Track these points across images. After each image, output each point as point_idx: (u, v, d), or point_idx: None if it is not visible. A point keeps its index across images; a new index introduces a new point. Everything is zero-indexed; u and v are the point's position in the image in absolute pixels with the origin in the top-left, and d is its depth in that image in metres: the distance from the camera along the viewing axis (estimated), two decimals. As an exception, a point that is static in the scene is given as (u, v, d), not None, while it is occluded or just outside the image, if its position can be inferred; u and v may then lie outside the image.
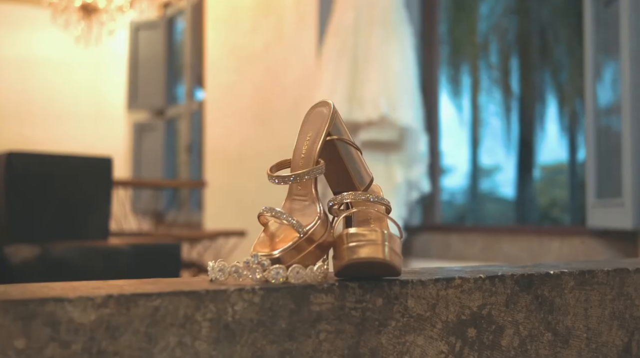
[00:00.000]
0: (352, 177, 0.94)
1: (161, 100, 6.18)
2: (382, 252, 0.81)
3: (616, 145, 2.66)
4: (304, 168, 0.90)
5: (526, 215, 9.53)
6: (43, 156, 2.55)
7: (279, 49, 4.40)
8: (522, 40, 8.79)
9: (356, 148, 0.95)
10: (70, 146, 5.70)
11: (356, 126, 3.51)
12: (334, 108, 0.94)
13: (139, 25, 6.28)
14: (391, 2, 3.57)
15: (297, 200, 0.90)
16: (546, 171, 10.35)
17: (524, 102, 8.86)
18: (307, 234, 0.84)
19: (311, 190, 0.90)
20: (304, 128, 0.95)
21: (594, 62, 2.84)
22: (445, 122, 9.89)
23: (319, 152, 0.90)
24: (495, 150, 9.87)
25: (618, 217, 2.60)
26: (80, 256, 2.32)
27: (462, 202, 11.15)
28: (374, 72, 3.50)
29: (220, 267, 0.81)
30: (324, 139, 0.91)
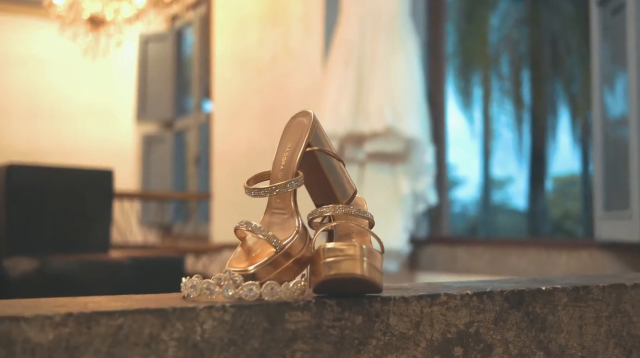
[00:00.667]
0: (333, 189, 0.91)
1: (170, 112, 6.18)
2: (360, 267, 0.77)
3: (624, 157, 2.61)
4: (283, 180, 0.87)
5: (538, 227, 9.45)
6: (43, 168, 2.53)
7: (285, 60, 4.38)
8: (534, 51, 8.74)
9: (338, 159, 0.92)
10: (79, 158, 5.70)
11: (362, 137, 3.48)
12: (315, 118, 0.91)
13: (148, 38, 6.29)
14: (397, 12, 3.55)
15: (276, 214, 0.87)
16: (559, 182, 10.27)
17: (536, 113, 8.80)
18: (283, 249, 0.81)
19: (290, 203, 0.87)
20: (283, 139, 0.92)
21: (601, 72, 2.80)
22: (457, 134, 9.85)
23: (298, 164, 0.87)
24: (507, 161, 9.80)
25: (626, 229, 2.56)
26: (79, 269, 2.30)
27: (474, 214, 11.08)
28: (380, 83, 3.47)
29: (192, 284, 0.78)
30: (304, 149, 0.88)
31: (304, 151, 0.88)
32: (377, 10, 3.58)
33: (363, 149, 3.49)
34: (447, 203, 3.83)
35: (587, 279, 1.07)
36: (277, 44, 4.45)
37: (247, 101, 4.76)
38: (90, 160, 5.71)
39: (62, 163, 3.93)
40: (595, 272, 2.87)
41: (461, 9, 9.06)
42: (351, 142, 3.53)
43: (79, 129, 6.43)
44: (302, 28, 4.25)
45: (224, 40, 5.06)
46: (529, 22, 8.77)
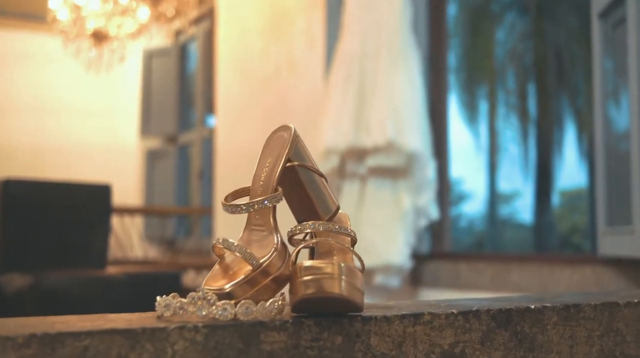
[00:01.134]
0: (315, 205, 0.89)
1: (173, 126, 6.18)
2: (338, 286, 0.75)
3: (626, 171, 2.58)
4: (263, 196, 0.85)
5: (545, 242, 9.39)
6: (40, 183, 2.52)
7: (288, 75, 4.37)
8: (539, 64, 8.72)
9: (320, 175, 0.90)
10: (82, 173, 5.70)
11: (363, 152, 3.46)
12: (295, 132, 0.89)
13: (152, 53, 6.30)
14: (398, 26, 3.53)
15: (255, 231, 0.85)
16: (566, 197, 10.22)
17: (542, 127, 8.77)
18: (261, 267, 0.78)
19: (269, 220, 0.84)
20: (263, 154, 0.90)
21: (603, 86, 2.78)
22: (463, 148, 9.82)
23: (277, 179, 0.85)
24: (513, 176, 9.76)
25: (629, 244, 2.52)
26: (74, 286, 2.28)
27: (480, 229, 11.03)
28: (381, 97, 3.46)
29: (166, 303, 0.76)
30: (283, 165, 0.86)
31: (284, 166, 0.86)
32: (378, 25, 3.57)
33: (364, 164, 3.47)
34: (449, 218, 3.80)
35: (579, 297, 1.05)
36: (280, 58, 4.45)
37: (250, 115, 4.76)
38: (94, 175, 5.71)
39: (65, 178, 3.92)
40: (599, 287, 2.83)
41: (466, 23, 9.06)
42: (352, 156, 3.51)
43: (82, 144, 6.44)
44: (305, 42, 4.24)
45: (227, 55, 5.06)
46: (534, 36, 8.75)
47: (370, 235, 3.41)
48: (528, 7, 8.85)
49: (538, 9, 8.67)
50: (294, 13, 4.37)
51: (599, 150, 2.80)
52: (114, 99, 6.63)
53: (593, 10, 2.84)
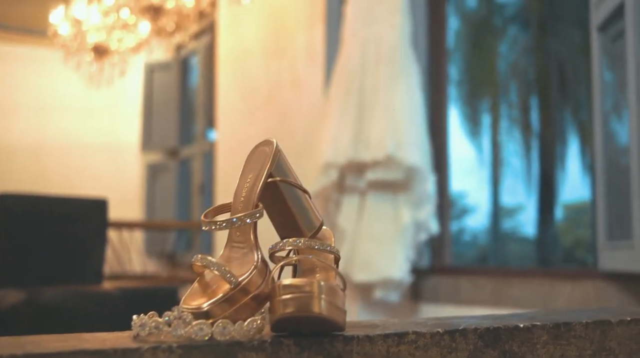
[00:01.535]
0: (297, 222, 0.87)
1: (175, 140, 6.18)
2: (317, 305, 0.73)
3: (626, 185, 2.56)
4: (244, 212, 0.84)
5: (549, 256, 9.34)
6: (35, 198, 2.51)
7: (289, 90, 4.37)
8: (541, 78, 8.71)
9: (303, 190, 0.89)
10: (83, 187, 5.69)
11: (362, 166, 3.44)
12: (277, 147, 0.88)
13: (153, 67, 6.31)
14: (397, 41, 3.53)
15: (235, 248, 0.84)
16: (570, 210, 10.17)
17: (544, 140, 8.75)
18: (240, 285, 0.77)
19: (250, 237, 0.83)
20: (245, 169, 0.88)
21: (602, 99, 2.76)
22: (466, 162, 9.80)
23: (258, 195, 0.84)
24: (516, 189, 9.73)
25: (629, 259, 2.50)
26: (68, 301, 2.27)
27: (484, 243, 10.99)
28: (380, 112, 3.44)
29: (141, 322, 0.75)
30: (265, 180, 0.85)
31: (265, 182, 0.85)
32: (378, 40, 3.56)
33: (364, 178, 3.46)
34: (449, 232, 3.77)
35: (570, 315, 1.03)
36: (281, 73, 4.45)
37: (250, 130, 4.75)
38: (95, 189, 5.70)
39: (64, 192, 3.91)
40: (599, 303, 2.80)
41: (468, 37, 9.06)
42: (352, 170, 3.50)
43: (83, 159, 6.44)
44: (306, 57, 4.24)
45: (228, 69, 5.06)
46: (537, 50, 8.75)
47: (369, 250, 3.39)
48: (530, 20, 8.85)
49: (540, 23, 8.66)
50: (295, 28, 4.38)
51: (599, 164, 2.78)
52: (115, 113, 6.63)
53: (592, 23, 2.83)
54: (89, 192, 5.06)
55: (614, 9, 2.63)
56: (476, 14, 9.52)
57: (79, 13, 4.63)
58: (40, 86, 6.41)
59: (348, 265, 3.42)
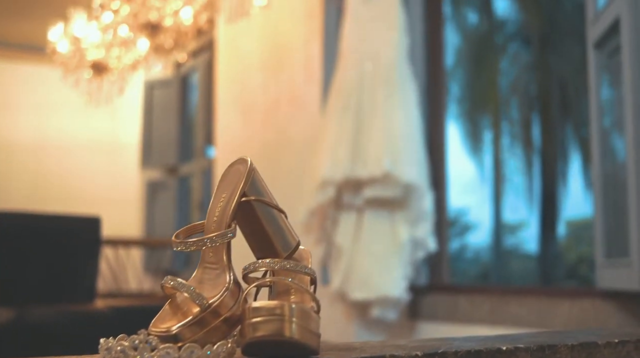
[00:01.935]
0: (273, 242, 0.85)
1: (174, 157, 6.17)
2: (288, 329, 0.71)
3: (624, 202, 2.53)
4: (216, 232, 0.82)
5: (551, 272, 9.29)
6: (26, 216, 2.49)
7: (287, 106, 4.36)
8: (543, 95, 8.70)
9: (279, 210, 0.87)
10: (83, 204, 5.68)
11: (360, 183, 3.42)
12: (252, 165, 0.86)
13: (153, 84, 6.31)
14: (395, 58, 3.52)
15: (208, 269, 0.82)
16: (572, 227, 10.13)
17: (546, 157, 8.73)
18: (209, 307, 0.75)
19: (222, 257, 0.81)
20: (219, 188, 0.86)
21: (599, 115, 2.74)
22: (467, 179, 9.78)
23: (232, 215, 0.82)
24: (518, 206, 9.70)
25: (626, 277, 2.47)
26: (58, 320, 2.24)
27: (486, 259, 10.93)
28: (378, 129, 3.43)
29: (107, 346, 0.72)
30: (238, 199, 0.83)
31: (238, 201, 0.83)
32: (375, 56, 3.55)
33: (361, 195, 3.43)
34: (447, 250, 3.75)
35: (556, 337, 1.00)
36: (279, 90, 4.44)
37: (248, 147, 4.73)
38: (95, 207, 5.69)
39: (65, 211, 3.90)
40: (597, 321, 2.77)
41: (470, 54, 9.07)
42: (349, 187, 3.48)
43: (83, 176, 6.43)
44: (304, 74, 4.23)
45: (227, 86, 5.06)
46: (538, 67, 8.74)
47: (367, 267, 3.37)
48: (531, 37, 8.86)
49: (541, 40, 8.68)
50: (293, 45, 4.38)
51: (597, 181, 2.75)
52: (115, 130, 6.63)
53: (588, 40, 2.82)
54: (89, 210, 5.05)
55: (610, 25, 2.62)
56: (477, 31, 9.54)
57: (78, 31, 4.63)
58: (40, 103, 6.41)
59: (345, 283, 3.40)
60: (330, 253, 3.60)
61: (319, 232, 3.63)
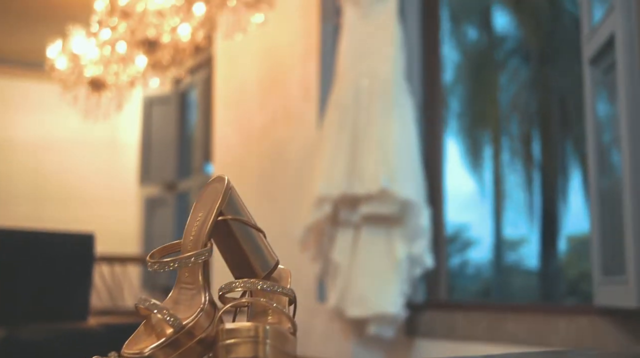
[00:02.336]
0: (250, 261, 0.84)
1: (173, 174, 6.17)
2: (262, 351, 0.70)
3: (621, 219, 2.52)
4: (193, 251, 0.81)
5: (553, 289, 9.25)
6: (19, 232, 2.48)
7: (284, 123, 4.36)
8: (543, 110, 8.69)
9: (257, 229, 0.85)
10: (82, 221, 5.67)
11: (356, 200, 3.42)
12: (229, 184, 0.85)
13: (152, 100, 6.32)
14: (391, 74, 3.52)
15: (184, 289, 0.81)
16: (574, 242, 10.09)
17: (546, 173, 8.70)
18: (183, 328, 0.73)
19: (198, 278, 0.80)
20: (196, 206, 0.85)
21: (595, 131, 2.74)
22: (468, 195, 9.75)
23: (208, 234, 0.81)
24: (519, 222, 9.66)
25: (623, 295, 2.45)
26: (49, 339, 2.23)
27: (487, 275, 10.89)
28: (374, 145, 3.42)
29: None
30: (214, 218, 0.82)
31: (215, 220, 0.82)
32: (371, 73, 3.56)
33: (358, 212, 3.42)
34: (444, 266, 3.73)
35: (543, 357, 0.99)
36: (276, 107, 4.45)
37: (246, 164, 4.73)
38: (93, 223, 5.68)
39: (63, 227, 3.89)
40: (595, 339, 2.75)
41: (469, 70, 9.08)
42: (345, 204, 3.47)
43: (82, 193, 6.43)
44: (301, 91, 4.24)
45: (224, 103, 5.06)
46: (537, 83, 8.74)
47: (363, 284, 3.35)
48: (530, 54, 8.87)
49: (540, 56, 8.68)
50: (290, 63, 4.38)
51: (594, 198, 2.74)
52: (114, 146, 6.63)
53: (584, 56, 2.82)
54: (87, 226, 5.04)
55: (605, 41, 2.62)
56: (476, 47, 9.55)
57: (76, 47, 4.64)
58: (38, 120, 6.42)
59: (342, 300, 3.38)
60: (327, 270, 3.59)
61: (316, 248, 3.62)
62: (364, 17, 3.66)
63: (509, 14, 9.12)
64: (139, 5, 3.99)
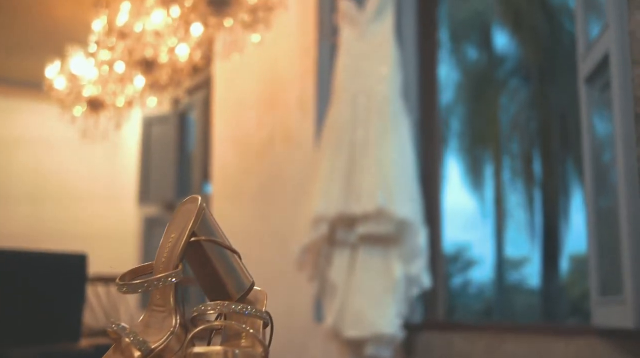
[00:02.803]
0: (224, 283, 0.83)
1: (172, 193, 6.16)
2: (230, 376, 0.68)
3: (617, 239, 2.50)
4: (164, 273, 0.79)
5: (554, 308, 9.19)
6: (10, 252, 2.47)
7: (281, 142, 4.36)
8: (543, 130, 8.70)
9: (232, 250, 0.84)
10: (80, 240, 5.65)
11: (353, 219, 3.40)
12: (202, 204, 0.83)
13: (151, 120, 6.33)
14: (388, 93, 3.51)
15: (155, 311, 0.79)
16: (576, 261, 10.05)
17: (547, 192, 8.69)
18: (151, 353, 0.72)
19: (169, 300, 0.78)
20: (169, 227, 0.84)
21: (592, 149, 2.72)
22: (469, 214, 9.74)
23: (180, 256, 0.79)
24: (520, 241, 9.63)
25: (621, 315, 2.42)
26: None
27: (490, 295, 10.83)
28: (371, 165, 3.41)
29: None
30: (187, 239, 0.80)
31: (187, 241, 0.80)
32: (368, 92, 3.55)
33: (354, 231, 3.40)
34: (442, 286, 3.70)
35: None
36: (274, 126, 4.44)
37: (244, 184, 4.72)
38: (92, 243, 5.66)
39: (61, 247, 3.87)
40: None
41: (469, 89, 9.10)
42: (342, 224, 3.45)
43: (80, 212, 6.41)
44: (298, 110, 4.23)
45: (223, 122, 5.06)
46: (538, 102, 8.75)
47: (360, 304, 3.32)
48: (530, 73, 8.88)
49: (540, 75, 8.70)
50: (288, 82, 4.39)
51: (592, 217, 2.72)
52: (113, 166, 6.63)
53: (579, 74, 2.81)
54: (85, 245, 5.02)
55: (600, 59, 2.61)
56: (477, 66, 9.58)
57: (75, 67, 4.65)
58: (37, 140, 6.43)
59: (339, 320, 3.35)
60: (324, 290, 3.56)
61: (313, 268, 3.59)
62: (361, 36, 3.66)
63: (508, 33, 9.15)
64: (137, 26, 4.00)
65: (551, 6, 8.71)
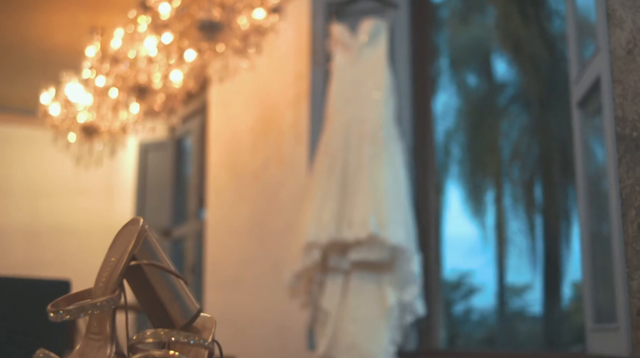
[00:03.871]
0: (168, 310, 0.78)
1: (168, 220, 6.12)
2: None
3: (611, 267, 2.45)
4: (102, 299, 0.75)
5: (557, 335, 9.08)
6: (-7, 280, 2.42)
7: (277, 168, 4.33)
8: (544, 156, 8.67)
9: (176, 275, 0.80)
10: (75, 268, 5.60)
11: (345, 246, 3.35)
12: (143, 226, 0.79)
13: (148, 147, 6.31)
14: (381, 118, 3.49)
15: (91, 340, 0.75)
16: (579, 288, 9.95)
17: (548, 219, 8.63)
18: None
19: (106, 327, 0.74)
20: (110, 250, 0.80)
21: (585, 175, 2.68)
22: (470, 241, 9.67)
23: (118, 280, 0.75)
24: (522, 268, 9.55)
25: (615, 343, 2.36)
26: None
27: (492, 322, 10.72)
28: (364, 191, 3.37)
29: None
30: (126, 263, 0.76)
31: (127, 265, 0.76)
32: (361, 117, 3.52)
33: (347, 258, 3.36)
34: (437, 314, 3.64)
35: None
36: (268, 152, 4.42)
37: (239, 209, 4.68)
38: (88, 270, 5.60)
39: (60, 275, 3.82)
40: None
41: (469, 116, 9.09)
42: (335, 250, 3.40)
43: (76, 239, 6.37)
44: (292, 136, 4.21)
45: (218, 148, 5.04)
46: (538, 128, 8.73)
47: (353, 332, 3.27)
48: (531, 99, 8.88)
49: (540, 102, 8.69)
50: (282, 107, 4.37)
51: (585, 244, 2.67)
52: (109, 192, 6.60)
53: (572, 99, 2.78)
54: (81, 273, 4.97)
55: (591, 84, 2.58)
56: (477, 93, 9.58)
57: (70, 94, 4.64)
58: (34, 166, 6.41)
59: (332, 348, 3.29)
60: (316, 317, 3.50)
61: (305, 295, 3.54)
62: (354, 61, 3.64)
63: (508, 60, 9.15)
64: (130, 52, 3.99)
65: (550, 34, 8.72)
